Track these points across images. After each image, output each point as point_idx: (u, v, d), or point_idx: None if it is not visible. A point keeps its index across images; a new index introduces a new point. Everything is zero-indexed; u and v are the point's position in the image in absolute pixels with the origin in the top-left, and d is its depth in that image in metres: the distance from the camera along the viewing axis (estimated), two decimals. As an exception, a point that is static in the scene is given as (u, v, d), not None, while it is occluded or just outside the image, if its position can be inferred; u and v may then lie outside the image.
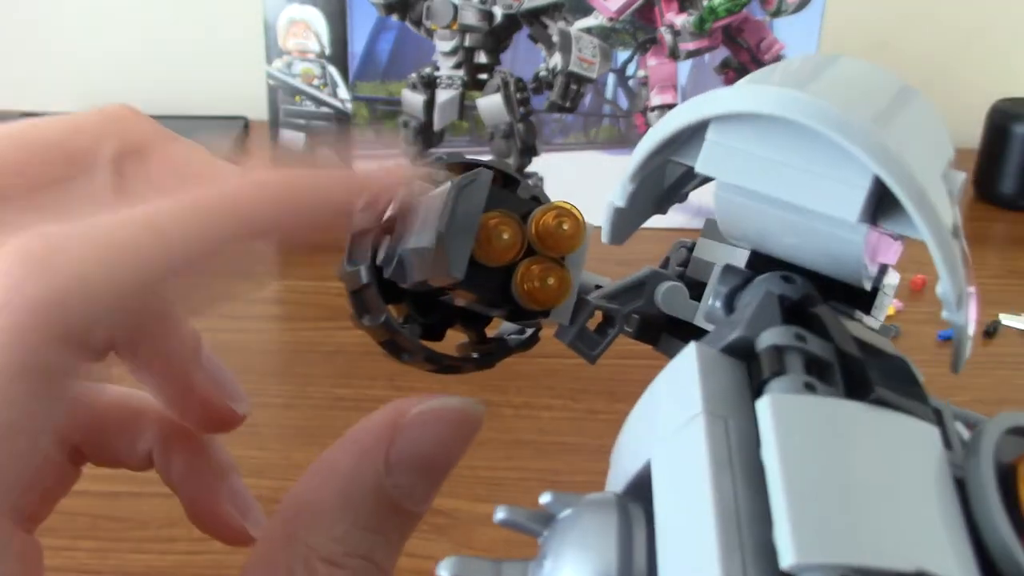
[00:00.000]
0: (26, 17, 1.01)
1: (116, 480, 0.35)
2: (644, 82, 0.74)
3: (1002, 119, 0.84)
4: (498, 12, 0.72)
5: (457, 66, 0.73)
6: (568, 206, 0.23)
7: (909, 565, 0.14)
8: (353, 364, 0.57)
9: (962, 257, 0.18)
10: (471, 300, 0.23)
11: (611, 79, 0.74)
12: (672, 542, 0.15)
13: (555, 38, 0.73)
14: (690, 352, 0.18)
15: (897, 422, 0.16)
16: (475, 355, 0.26)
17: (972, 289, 0.19)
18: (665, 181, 0.23)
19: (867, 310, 0.22)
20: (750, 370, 0.18)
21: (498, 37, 0.73)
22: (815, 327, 0.18)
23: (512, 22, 0.72)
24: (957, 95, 1.02)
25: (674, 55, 0.73)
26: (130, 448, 0.25)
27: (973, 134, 0.87)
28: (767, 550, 0.14)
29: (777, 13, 0.72)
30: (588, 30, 0.73)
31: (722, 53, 0.73)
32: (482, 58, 0.73)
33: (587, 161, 0.75)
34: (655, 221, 0.23)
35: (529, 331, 0.27)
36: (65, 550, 0.43)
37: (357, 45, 0.73)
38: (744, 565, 0.14)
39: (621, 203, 0.21)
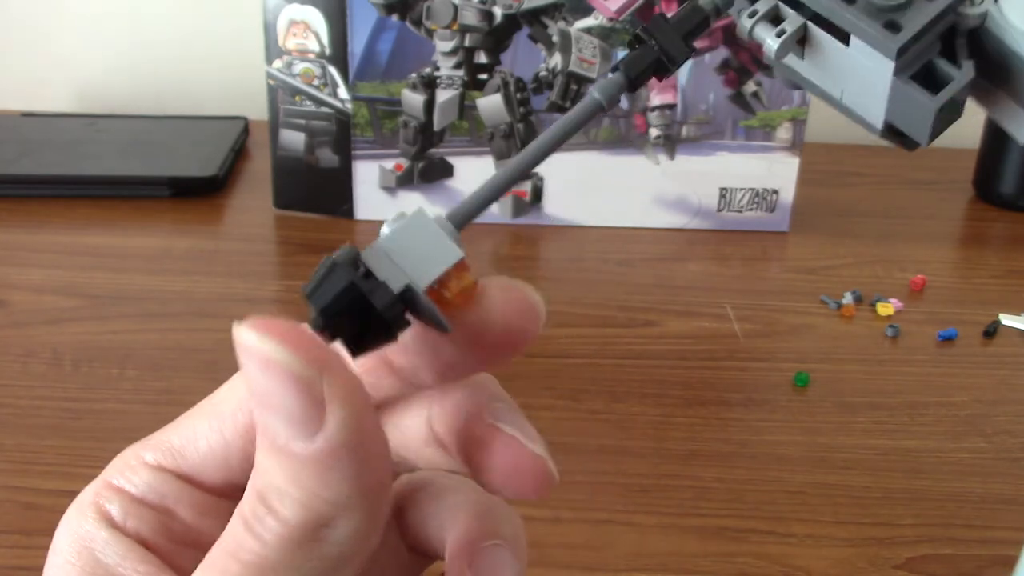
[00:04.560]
0: (26, 17, 1.01)
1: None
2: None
3: (1002, 119, 0.84)
4: (498, 12, 0.72)
5: (457, 66, 0.73)
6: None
7: None
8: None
9: None
10: None
11: (611, 79, 0.74)
12: None
13: (555, 38, 0.73)
14: None
15: None
16: None
17: None
18: None
19: None
20: None
21: (498, 37, 0.73)
22: None
23: (512, 22, 0.72)
24: (957, 95, 1.02)
25: (674, 55, 0.73)
26: None
27: (973, 134, 0.87)
28: None
29: (777, 13, 0.72)
30: (588, 30, 0.73)
31: (722, 53, 0.73)
32: (482, 58, 0.73)
33: (587, 161, 0.75)
34: (654, 221, 0.23)
35: None
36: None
37: (357, 45, 0.73)
38: None
39: None
